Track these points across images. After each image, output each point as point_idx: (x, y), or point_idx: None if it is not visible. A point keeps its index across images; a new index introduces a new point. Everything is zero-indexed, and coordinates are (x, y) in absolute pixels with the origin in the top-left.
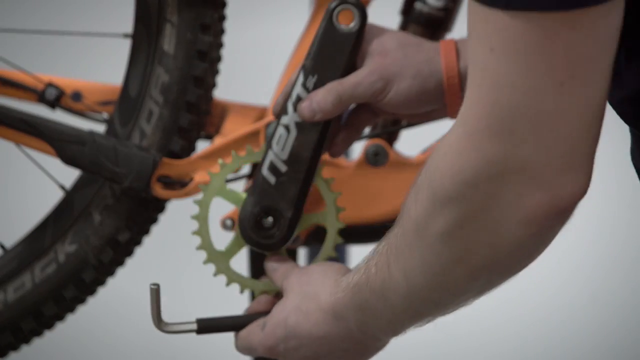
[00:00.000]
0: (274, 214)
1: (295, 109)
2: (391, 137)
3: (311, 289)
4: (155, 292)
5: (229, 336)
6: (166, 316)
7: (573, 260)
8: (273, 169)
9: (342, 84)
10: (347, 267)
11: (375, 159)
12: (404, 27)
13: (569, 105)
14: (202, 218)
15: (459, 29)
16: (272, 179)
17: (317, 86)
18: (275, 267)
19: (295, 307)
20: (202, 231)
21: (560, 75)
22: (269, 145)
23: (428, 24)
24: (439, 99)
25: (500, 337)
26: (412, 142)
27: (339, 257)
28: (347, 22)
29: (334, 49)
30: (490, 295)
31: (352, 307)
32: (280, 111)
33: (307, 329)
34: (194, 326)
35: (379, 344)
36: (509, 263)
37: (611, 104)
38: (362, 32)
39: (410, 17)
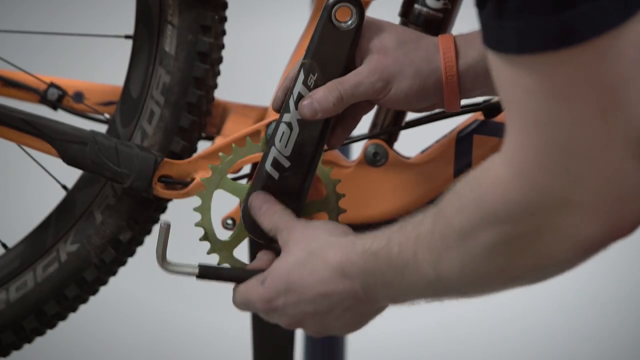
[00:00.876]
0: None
1: (296, 107)
2: (391, 138)
3: (317, 245)
4: (165, 231)
5: (229, 337)
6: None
7: None
8: (276, 164)
9: (343, 84)
10: (351, 229)
11: (374, 159)
12: None
13: (614, 132)
14: (204, 210)
15: (458, 31)
16: (275, 174)
17: (318, 84)
18: (276, 222)
19: (299, 262)
20: (205, 222)
21: (599, 103)
22: (272, 142)
23: (427, 26)
24: (437, 95)
25: (500, 337)
26: (411, 142)
27: None
28: (345, 20)
29: (333, 46)
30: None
31: (364, 271)
32: (281, 106)
33: (311, 284)
34: (196, 270)
35: (379, 307)
36: (550, 276)
37: None
38: (361, 29)
39: (409, 19)
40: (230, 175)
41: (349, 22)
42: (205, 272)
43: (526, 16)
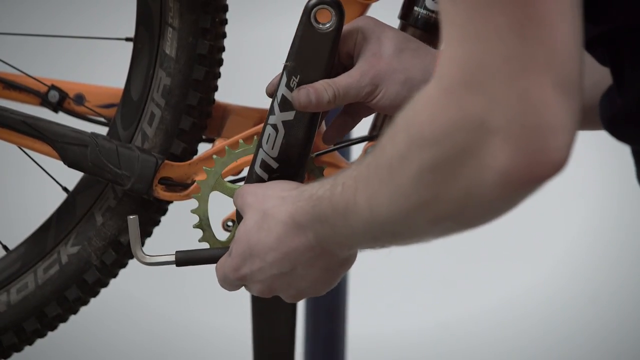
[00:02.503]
0: None
1: (281, 109)
2: None
3: (270, 205)
4: (134, 223)
5: (229, 337)
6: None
7: (573, 260)
8: (265, 166)
9: (336, 84)
10: (304, 184)
11: None
12: (402, 30)
13: (535, 49)
14: (202, 212)
15: None
16: (265, 176)
17: (300, 86)
18: (238, 193)
19: (255, 225)
20: (204, 225)
21: (517, 16)
22: (259, 144)
23: (426, 28)
24: None
25: (500, 337)
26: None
27: None
28: (324, 21)
29: (314, 48)
30: (490, 296)
31: (311, 217)
32: (274, 91)
33: (269, 245)
34: (173, 258)
35: (341, 259)
36: (474, 217)
37: (609, 125)
38: (340, 31)
39: (409, 21)
40: (230, 178)
41: (329, 24)
42: (184, 258)
43: None
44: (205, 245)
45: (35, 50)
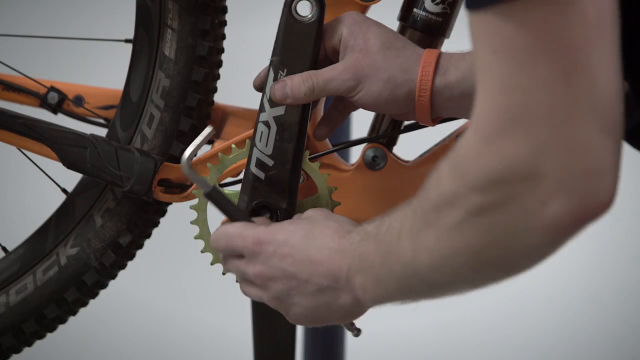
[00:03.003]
0: (270, 207)
1: (271, 105)
2: (389, 141)
3: (323, 223)
4: (207, 134)
5: (229, 338)
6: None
7: (573, 260)
8: (260, 165)
9: (317, 76)
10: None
11: (373, 162)
12: (401, 32)
13: (579, 98)
14: (200, 209)
15: (457, 34)
16: (261, 175)
17: None
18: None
19: (304, 230)
20: (204, 235)
21: (562, 65)
22: (252, 144)
23: (425, 30)
24: (409, 106)
25: (500, 337)
26: (410, 146)
27: None
28: (305, 13)
29: (297, 41)
30: (491, 295)
31: (356, 250)
32: (261, 85)
33: (307, 247)
34: (208, 188)
35: (344, 305)
36: (519, 263)
37: (629, 137)
38: (322, 22)
39: (408, 23)
40: (230, 179)
41: (310, 16)
42: (213, 195)
43: None
44: (207, 254)
45: (34, 51)
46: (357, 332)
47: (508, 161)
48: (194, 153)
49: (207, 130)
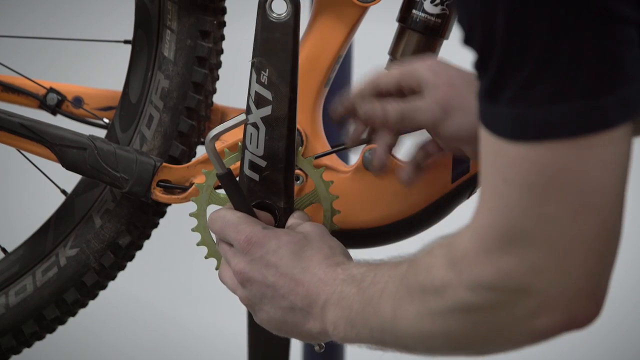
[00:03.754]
0: (268, 207)
1: (257, 106)
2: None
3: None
4: (240, 122)
5: (230, 338)
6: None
7: None
8: (254, 166)
9: (407, 104)
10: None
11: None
12: (400, 34)
13: (583, 233)
14: (200, 215)
15: (456, 36)
16: (255, 176)
17: (272, 79)
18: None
19: (293, 241)
20: (201, 228)
21: (573, 204)
22: (244, 146)
23: (425, 31)
24: None
25: None
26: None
27: None
28: (280, 12)
29: (276, 40)
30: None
31: (337, 287)
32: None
33: (295, 266)
34: (223, 171)
35: (308, 332)
36: (496, 352)
37: None
38: (298, 18)
39: (407, 24)
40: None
41: (284, 14)
42: (225, 179)
43: (520, 105)
44: (203, 249)
45: (33, 52)
46: (319, 347)
47: (503, 275)
48: (220, 134)
49: (241, 117)
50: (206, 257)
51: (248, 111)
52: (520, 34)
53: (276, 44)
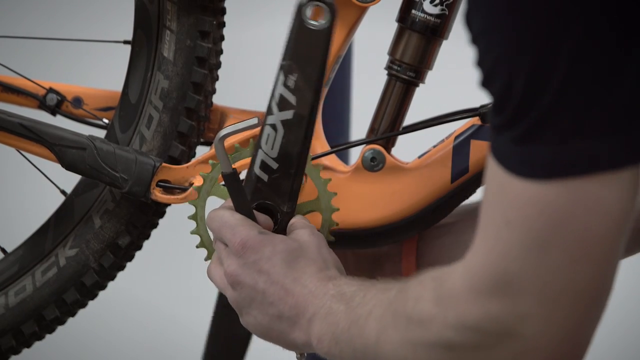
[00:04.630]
0: (270, 209)
1: (279, 108)
2: (388, 143)
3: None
4: (254, 124)
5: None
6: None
7: None
8: (265, 167)
9: None
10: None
11: (372, 164)
12: (400, 34)
13: (577, 283)
14: (199, 217)
15: (456, 37)
16: (264, 177)
17: (299, 85)
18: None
19: (288, 249)
20: (201, 230)
21: (573, 253)
22: (258, 145)
23: (424, 31)
24: None
25: None
26: (409, 147)
27: None
28: (317, 19)
29: (309, 46)
30: None
31: (326, 302)
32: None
33: (287, 276)
34: (228, 170)
35: (292, 342)
36: None
37: None
38: (334, 28)
39: (407, 25)
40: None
41: (322, 22)
42: (230, 179)
43: (531, 143)
44: (202, 251)
45: (33, 53)
46: (301, 356)
47: (489, 318)
48: (229, 135)
49: (253, 120)
50: (206, 259)
51: (269, 112)
52: (540, 80)
53: (308, 51)
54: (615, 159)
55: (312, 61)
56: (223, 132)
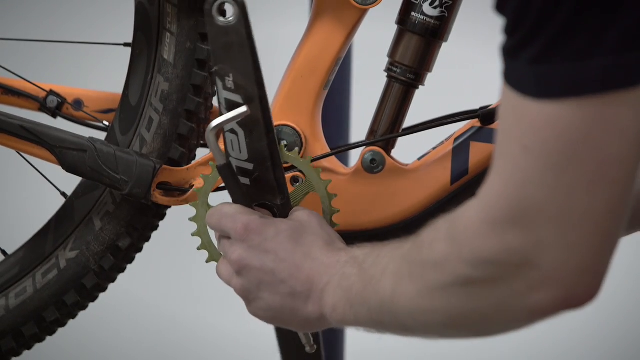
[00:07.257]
0: (267, 206)
1: (229, 111)
2: (388, 144)
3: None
4: (242, 113)
5: (232, 340)
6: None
7: None
8: (242, 172)
9: None
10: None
11: (372, 165)
12: (399, 36)
13: (595, 207)
14: (199, 219)
15: (455, 37)
16: (247, 181)
17: (238, 82)
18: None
19: (290, 228)
20: (201, 232)
21: (591, 175)
22: (227, 155)
23: (424, 34)
24: None
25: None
26: (409, 149)
27: None
28: (227, 16)
29: (229, 43)
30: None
31: (339, 269)
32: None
33: (296, 252)
34: (221, 162)
35: (307, 318)
36: (493, 331)
37: None
38: (248, 19)
39: (406, 27)
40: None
41: (232, 17)
42: (225, 172)
43: (546, 62)
44: (203, 253)
45: (33, 55)
46: (310, 347)
47: (507, 249)
48: (221, 125)
49: (242, 109)
50: (207, 262)
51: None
52: None
53: (232, 47)
54: (632, 76)
55: (240, 56)
56: (214, 122)
